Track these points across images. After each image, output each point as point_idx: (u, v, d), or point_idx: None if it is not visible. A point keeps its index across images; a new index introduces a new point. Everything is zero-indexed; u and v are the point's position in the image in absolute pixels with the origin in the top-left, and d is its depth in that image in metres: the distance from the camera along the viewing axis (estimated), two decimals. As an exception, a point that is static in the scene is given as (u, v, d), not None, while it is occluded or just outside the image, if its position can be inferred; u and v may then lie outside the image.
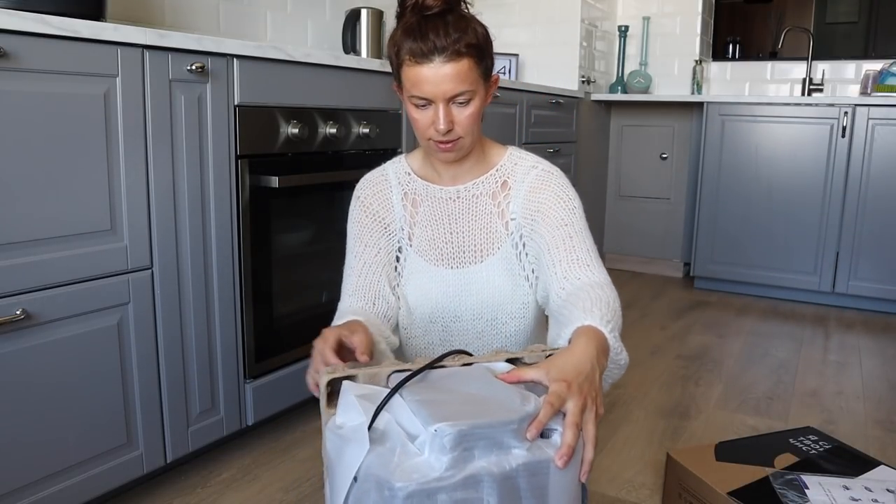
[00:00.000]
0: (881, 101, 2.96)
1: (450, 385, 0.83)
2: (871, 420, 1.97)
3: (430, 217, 1.21)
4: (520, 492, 0.73)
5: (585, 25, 3.41)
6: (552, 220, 1.13)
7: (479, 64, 1.06)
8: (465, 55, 1.03)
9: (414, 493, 0.69)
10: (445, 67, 1.03)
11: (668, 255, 3.75)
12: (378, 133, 1.93)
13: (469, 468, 0.71)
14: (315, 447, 1.75)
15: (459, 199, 1.20)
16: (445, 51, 1.02)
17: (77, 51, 1.20)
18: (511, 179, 1.19)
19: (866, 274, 3.05)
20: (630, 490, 1.56)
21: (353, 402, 0.80)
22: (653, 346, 2.58)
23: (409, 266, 1.21)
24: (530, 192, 1.17)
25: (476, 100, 1.08)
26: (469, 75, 1.05)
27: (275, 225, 1.68)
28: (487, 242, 1.19)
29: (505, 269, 1.18)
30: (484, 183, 1.19)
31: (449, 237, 1.20)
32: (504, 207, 1.19)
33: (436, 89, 1.04)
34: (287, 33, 2.50)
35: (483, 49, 1.07)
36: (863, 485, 1.27)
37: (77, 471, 1.29)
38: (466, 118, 1.07)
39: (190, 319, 1.47)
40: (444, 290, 1.19)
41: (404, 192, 1.23)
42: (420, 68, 1.03)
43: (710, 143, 3.29)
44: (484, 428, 0.71)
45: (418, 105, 1.07)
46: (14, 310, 1.15)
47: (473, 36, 1.05)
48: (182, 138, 1.41)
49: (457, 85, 1.04)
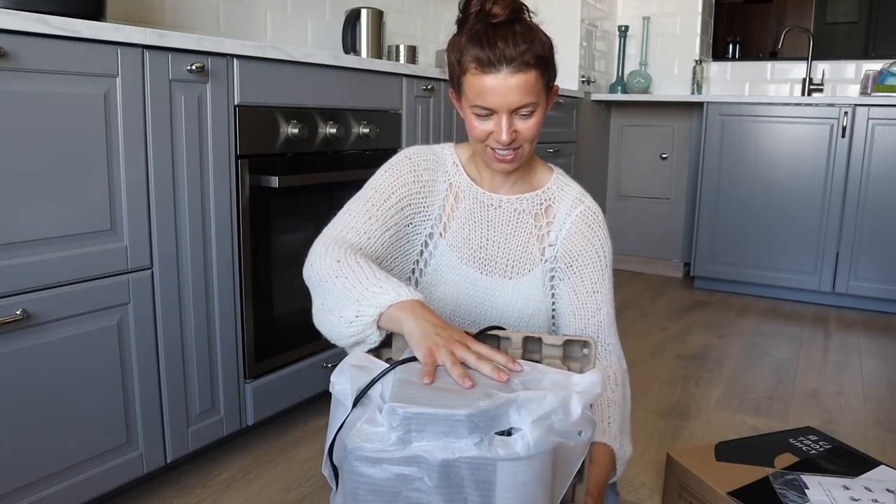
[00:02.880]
0: (881, 101, 2.96)
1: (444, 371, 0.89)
2: (871, 420, 1.97)
3: (468, 216, 1.16)
4: (462, 481, 0.77)
5: (585, 25, 3.41)
6: (586, 278, 1.15)
7: (544, 75, 1.04)
8: (533, 67, 1.01)
9: (361, 457, 0.77)
10: (512, 79, 1.00)
11: (668, 255, 3.75)
12: (378, 133, 1.93)
13: (413, 448, 0.77)
14: (315, 447, 1.75)
15: (501, 208, 1.16)
16: (514, 61, 0.99)
17: (77, 51, 1.20)
18: (556, 206, 1.17)
19: (866, 274, 3.05)
20: (630, 490, 1.56)
21: (345, 370, 0.87)
22: (653, 346, 2.58)
23: (439, 258, 1.16)
24: (574, 231, 1.15)
25: (539, 111, 1.05)
26: (535, 87, 1.02)
27: (275, 225, 1.68)
28: (521, 261, 1.16)
29: (530, 294, 1.16)
30: (528, 201, 1.17)
31: (485, 242, 1.16)
32: (545, 233, 1.16)
33: (501, 101, 1.01)
34: (287, 33, 2.50)
35: (549, 61, 1.05)
36: (863, 485, 1.27)
37: (77, 471, 1.29)
38: (528, 129, 1.05)
39: (190, 319, 1.47)
40: (470, 293, 1.17)
41: (450, 182, 1.17)
42: (486, 77, 1.00)
43: (710, 143, 3.29)
44: (429, 415, 0.77)
45: (480, 115, 1.04)
46: (14, 310, 1.15)
47: (541, 47, 1.02)
48: (182, 138, 1.41)
49: (523, 97, 1.01)
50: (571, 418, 0.80)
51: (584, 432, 0.82)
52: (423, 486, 0.78)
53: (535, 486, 0.78)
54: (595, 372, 0.87)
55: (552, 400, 0.80)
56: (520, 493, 0.77)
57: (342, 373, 0.88)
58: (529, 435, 0.77)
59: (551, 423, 0.79)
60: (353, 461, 0.78)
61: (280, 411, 1.77)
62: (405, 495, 0.78)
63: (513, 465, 0.76)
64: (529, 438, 0.77)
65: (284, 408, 1.78)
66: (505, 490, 0.77)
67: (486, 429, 0.78)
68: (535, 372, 0.89)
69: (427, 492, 0.78)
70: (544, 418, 0.79)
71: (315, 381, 1.84)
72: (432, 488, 0.77)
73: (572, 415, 0.80)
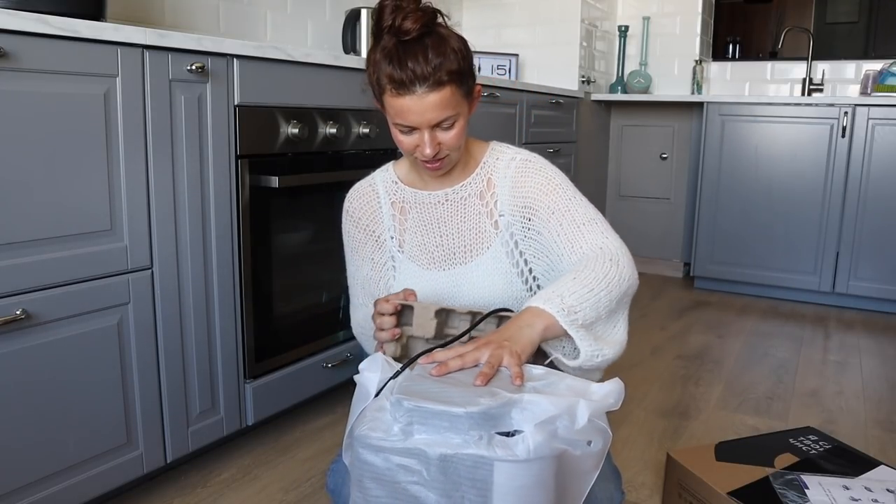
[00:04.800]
0: (881, 101, 2.96)
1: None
2: (871, 420, 1.97)
3: (419, 223, 1.21)
4: (459, 478, 0.77)
5: (585, 25, 3.41)
6: (544, 212, 1.13)
7: (460, 87, 1.05)
8: (447, 83, 1.02)
9: (366, 444, 0.80)
10: (428, 98, 1.01)
11: (668, 255, 3.75)
12: (378, 133, 1.93)
13: (414, 440, 0.79)
14: (315, 447, 1.75)
15: (448, 202, 1.20)
16: (427, 80, 1.01)
17: (77, 51, 1.20)
18: (494, 176, 1.19)
19: (866, 274, 3.05)
20: (630, 490, 1.56)
21: (378, 360, 0.92)
22: (653, 346, 2.58)
23: (402, 272, 1.23)
24: (514, 187, 1.16)
25: (461, 120, 1.08)
26: (451, 101, 1.04)
27: (275, 225, 1.68)
28: (477, 242, 1.19)
29: (495, 268, 1.18)
30: (471, 184, 1.19)
31: (439, 240, 1.20)
32: (492, 206, 1.18)
33: (420, 118, 1.03)
34: (287, 33, 2.50)
35: (464, 72, 1.05)
36: (863, 485, 1.27)
37: (77, 471, 1.29)
38: (451, 139, 1.08)
39: (190, 319, 1.47)
40: (437, 291, 1.20)
41: (392, 201, 1.23)
42: (402, 99, 1.02)
43: (710, 143, 3.29)
44: (431, 410, 0.78)
45: (403, 131, 1.07)
46: (14, 310, 1.15)
47: (454, 60, 1.03)
48: (182, 138, 1.41)
49: (440, 113, 1.03)
50: (577, 425, 0.79)
51: (593, 442, 0.81)
52: (421, 480, 0.78)
53: (534, 491, 0.76)
54: (614, 382, 0.86)
55: (557, 404, 0.79)
56: (518, 497, 0.76)
57: (374, 362, 0.91)
58: (531, 438, 0.76)
59: (555, 428, 0.78)
60: (358, 447, 0.81)
61: (280, 411, 1.77)
62: (404, 487, 0.79)
63: (511, 466, 0.76)
64: (530, 442, 0.76)
65: (284, 408, 1.78)
66: (502, 492, 0.76)
67: (486, 428, 0.78)
68: (551, 376, 0.89)
69: (425, 485, 0.78)
70: (548, 423, 0.78)
71: (315, 381, 1.84)
72: (430, 482, 0.78)
73: (578, 422, 0.79)
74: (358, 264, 1.26)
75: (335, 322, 1.91)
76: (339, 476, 1.09)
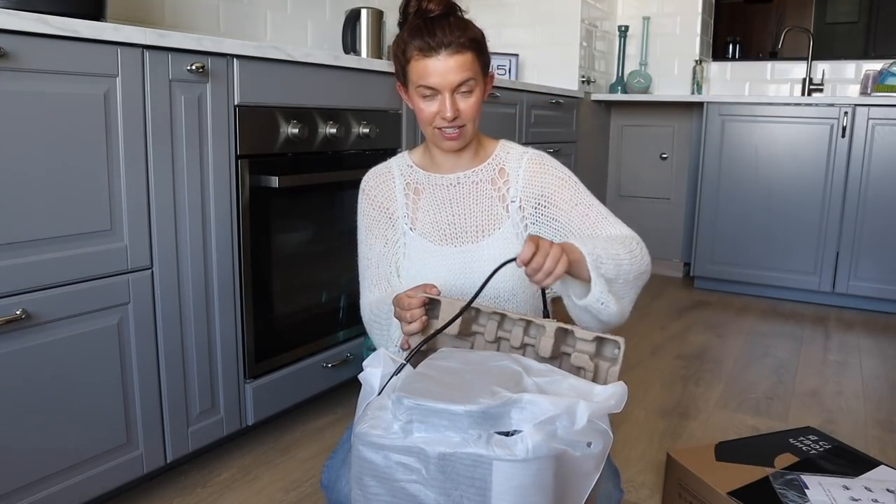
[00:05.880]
0: (881, 101, 2.96)
1: (469, 359, 0.92)
2: (871, 420, 1.97)
3: (432, 203, 1.29)
4: (458, 477, 0.78)
5: (585, 25, 3.41)
6: (564, 203, 1.24)
7: (479, 58, 1.17)
8: (469, 48, 1.15)
9: (367, 441, 0.81)
10: (451, 59, 1.13)
11: (668, 255, 3.75)
12: (378, 133, 1.93)
13: (413, 438, 0.79)
14: (315, 447, 1.75)
15: (460, 184, 1.28)
16: (451, 45, 1.13)
17: (77, 51, 1.20)
18: (508, 166, 1.28)
19: (866, 274, 3.05)
20: (630, 490, 1.56)
21: (380, 357, 0.94)
22: (653, 346, 2.58)
23: (413, 248, 1.29)
24: (529, 176, 1.26)
25: (477, 90, 1.18)
26: (472, 66, 1.16)
27: (275, 225, 1.68)
28: (487, 223, 1.27)
29: (505, 248, 1.24)
30: (483, 171, 1.28)
31: (451, 219, 1.27)
32: (504, 192, 1.27)
33: (443, 80, 1.14)
34: (287, 33, 2.50)
35: (483, 45, 1.19)
36: (863, 485, 1.27)
37: (77, 471, 1.29)
38: (470, 107, 1.17)
39: (190, 319, 1.47)
40: (448, 266, 1.26)
41: (406, 182, 1.31)
42: (428, 61, 1.14)
43: (710, 143, 3.29)
44: (430, 408, 0.79)
45: (425, 95, 1.17)
46: (14, 310, 1.15)
47: (474, 33, 1.17)
48: (182, 138, 1.41)
49: (462, 74, 1.14)
50: (577, 426, 0.79)
51: (593, 444, 0.81)
52: (420, 478, 0.78)
53: (532, 491, 0.76)
54: (618, 385, 0.87)
55: (556, 405, 0.79)
56: (516, 497, 0.76)
57: (377, 359, 0.94)
58: (529, 438, 0.76)
59: (555, 428, 0.78)
60: (358, 445, 0.81)
61: (280, 411, 1.77)
62: (403, 485, 0.79)
63: (509, 465, 0.76)
64: (529, 441, 0.76)
65: (284, 408, 1.78)
66: (500, 491, 0.76)
67: (486, 427, 0.78)
68: (554, 374, 0.89)
69: (423, 483, 0.78)
70: (547, 423, 0.78)
71: (315, 381, 1.84)
72: (428, 480, 0.78)
73: (577, 422, 0.79)
74: (371, 242, 1.32)
75: (335, 322, 1.91)
76: (334, 472, 1.11)
